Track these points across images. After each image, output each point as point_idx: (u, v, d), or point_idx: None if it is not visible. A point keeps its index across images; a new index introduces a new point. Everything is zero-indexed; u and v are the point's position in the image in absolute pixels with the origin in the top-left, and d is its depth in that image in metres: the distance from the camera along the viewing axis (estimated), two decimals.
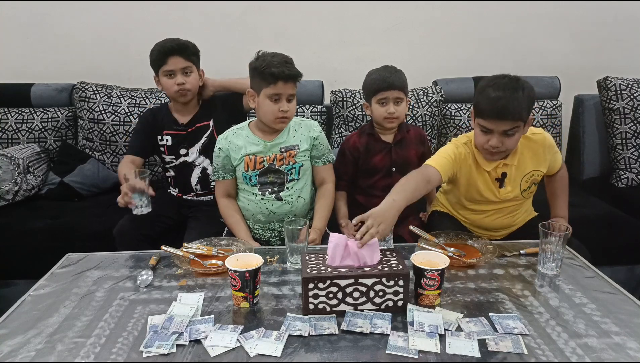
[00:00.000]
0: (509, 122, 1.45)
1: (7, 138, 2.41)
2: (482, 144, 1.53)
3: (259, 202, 1.71)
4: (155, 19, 2.63)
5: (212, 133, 1.96)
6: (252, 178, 1.70)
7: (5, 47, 2.68)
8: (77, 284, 1.30)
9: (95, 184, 2.36)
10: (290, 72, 1.60)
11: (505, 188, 1.60)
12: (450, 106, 2.55)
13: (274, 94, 1.60)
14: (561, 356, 0.99)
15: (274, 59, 1.60)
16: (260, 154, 1.69)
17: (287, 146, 1.69)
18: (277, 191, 1.71)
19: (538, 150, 1.61)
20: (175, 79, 1.88)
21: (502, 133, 1.47)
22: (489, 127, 1.48)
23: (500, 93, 1.44)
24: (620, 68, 2.62)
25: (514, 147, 1.54)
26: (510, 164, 1.58)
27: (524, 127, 1.50)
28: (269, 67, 1.58)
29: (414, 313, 1.12)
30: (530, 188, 1.64)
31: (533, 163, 1.61)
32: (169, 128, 1.96)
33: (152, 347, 1.01)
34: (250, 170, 1.70)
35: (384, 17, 2.72)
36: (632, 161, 2.44)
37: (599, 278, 1.31)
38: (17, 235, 1.98)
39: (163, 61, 1.87)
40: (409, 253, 1.29)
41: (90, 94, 2.42)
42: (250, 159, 1.69)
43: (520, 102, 1.44)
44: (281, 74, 1.57)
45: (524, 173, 1.60)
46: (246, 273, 1.14)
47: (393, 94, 1.72)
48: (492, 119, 1.46)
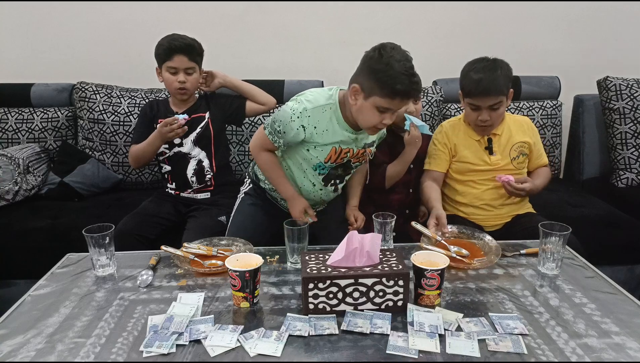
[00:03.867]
0: (492, 98, 1.69)
1: (7, 138, 2.41)
2: (474, 120, 1.77)
3: (317, 191, 1.67)
4: (155, 19, 2.63)
5: (207, 125, 1.99)
6: (325, 168, 1.61)
7: (5, 47, 2.68)
8: (77, 284, 1.30)
9: (95, 184, 2.35)
10: (415, 90, 1.41)
11: (496, 156, 1.80)
12: (450, 106, 2.55)
13: (387, 108, 1.42)
14: (561, 356, 0.99)
15: (405, 71, 1.38)
16: (347, 146, 1.57)
17: (369, 143, 1.63)
18: (337, 184, 1.69)
19: (523, 125, 1.86)
20: (177, 76, 1.92)
21: (488, 108, 1.71)
22: (477, 104, 1.72)
23: (481, 75, 1.68)
24: (620, 68, 2.62)
25: (499, 120, 1.78)
26: (496, 133, 1.80)
27: (506, 101, 1.74)
28: (397, 82, 1.37)
29: (414, 313, 1.12)
30: (519, 157, 1.82)
31: (519, 135, 1.82)
32: (163, 116, 1.98)
33: (152, 347, 1.01)
34: (331, 161, 1.58)
35: (384, 17, 2.72)
36: (632, 161, 2.44)
37: (599, 278, 1.31)
38: (17, 235, 1.98)
39: (169, 57, 1.90)
40: (409, 253, 1.29)
41: (90, 94, 2.42)
42: (336, 153, 1.56)
43: (500, 80, 1.68)
44: (406, 93, 1.39)
45: (512, 143, 1.81)
46: (246, 273, 1.14)
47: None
48: (478, 97, 1.70)
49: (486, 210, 1.81)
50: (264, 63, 2.69)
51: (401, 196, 1.83)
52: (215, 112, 2.03)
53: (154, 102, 2.10)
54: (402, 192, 1.83)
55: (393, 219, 1.45)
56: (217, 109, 2.04)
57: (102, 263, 1.34)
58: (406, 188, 1.83)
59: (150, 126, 2.00)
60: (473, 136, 1.82)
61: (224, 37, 2.66)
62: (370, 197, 1.86)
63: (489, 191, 1.81)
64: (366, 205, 1.86)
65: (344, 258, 1.16)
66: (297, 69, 2.65)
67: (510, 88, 1.74)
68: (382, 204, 1.61)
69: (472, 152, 1.81)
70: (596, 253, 1.63)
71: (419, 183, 1.86)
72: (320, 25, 2.71)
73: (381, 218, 1.45)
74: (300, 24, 2.70)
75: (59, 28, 2.66)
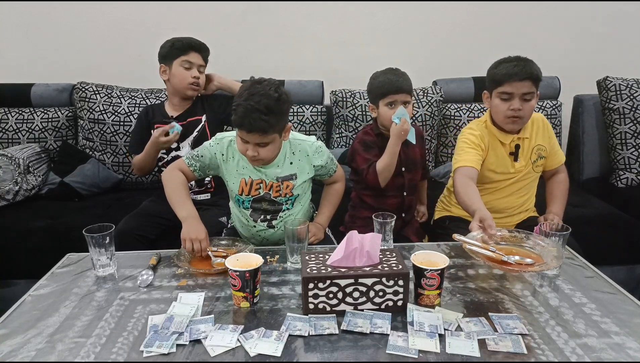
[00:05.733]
0: (527, 83, 1.62)
1: (7, 138, 2.42)
2: (504, 112, 1.67)
3: (251, 229, 1.63)
4: (155, 19, 2.63)
5: (204, 128, 2.00)
6: (245, 202, 1.59)
7: (5, 47, 2.68)
8: (77, 284, 1.30)
9: (95, 184, 2.36)
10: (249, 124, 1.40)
11: (520, 162, 1.74)
12: (450, 106, 2.55)
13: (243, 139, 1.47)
14: (561, 356, 0.99)
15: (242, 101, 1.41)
16: (258, 179, 1.56)
17: (285, 177, 1.56)
18: (270, 220, 1.61)
19: (539, 124, 1.78)
20: (191, 71, 1.97)
21: (521, 97, 1.63)
22: (510, 91, 1.63)
23: (515, 62, 1.64)
24: (620, 68, 2.62)
25: (529, 115, 1.69)
26: (523, 138, 1.73)
27: (535, 98, 1.66)
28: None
29: (414, 313, 1.12)
30: (537, 161, 1.77)
31: (538, 137, 1.77)
32: (159, 121, 2.00)
33: (152, 347, 1.01)
34: (245, 195, 1.58)
35: (384, 17, 2.72)
36: (631, 161, 2.44)
37: (598, 278, 1.31)
38: (17, 235, 1.98)
39: (185, 52, 1.96)
40: (409, 253, 1.29)
41: (91, 94, 2.42)
42: (247, 184, 1.56)
43: (535, 68, 1.64)
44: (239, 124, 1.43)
45: (532, 145, 1.76)
46: (246, 273, 1.14)
47: (401, 97, 1.72)
48: (513, 82, 1.63)
49: (496, 218, 1.68)
50: (264, 63, 2.69)
51: (396, 199, 1.82)
52: (211, 114, 2.02)
53: (149, 108, 2.10)
54: (396, 196, 1.81)
55: (393, 219, 1.45)
56: (214, 112, 2.03)
57: (103, 263, 1.34)
58: (400, 191, 1.81)
59: (147, 132, 2.00)
60: (501, 139, 1.73)
61: (224, 37, 2.66)
62: (364, 201, 1.85)
63: (505, 199, 1.77)
64: (361, 210, 1.86)
65: (344, 258, 1.16)
66: (297, 69, 2.65)
67: (538, 91, 1.68)
68: (377, 209, 1.58)
69: (497, 157, 1.74)
70: (596, 253, 1.63)
71: (412, 187, 1.84)
72: (320, 25, 2.71)
73: (381, 218, 1.45)
74: (300, 24, 2.70)
75: (59, 28, 2.66)
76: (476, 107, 2.53)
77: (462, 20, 2.75)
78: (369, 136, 1.81)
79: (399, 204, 1.82)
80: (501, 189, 1.77)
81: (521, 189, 1.79)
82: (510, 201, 1.78)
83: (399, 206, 1.82)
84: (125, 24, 2.65)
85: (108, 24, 2.66)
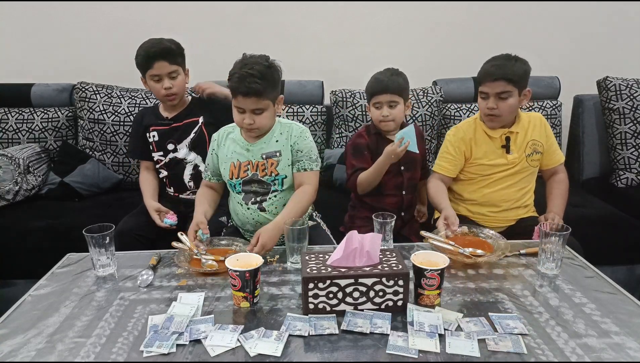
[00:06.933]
0: (501, 83, 1.67)
1: (7, 138, 2.42)
2: (483, 109, 1.75)
3: (245, 212, 1.65)
4: (155, 19, 2.63)
5: (201, 129, 1.97)
6: (237, 186, 1.64)
7: (5, 47, 2.68)
8: (77, 284, 1.30)
9: (95, 184, 2.36)
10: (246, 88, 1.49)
11: (513, 154, 1.78)
12: (450, 106, 2.55)
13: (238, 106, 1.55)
14: (561, 356, 0.99)
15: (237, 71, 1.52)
16: (245, 161, 1.60)
17: (269, 153, 1.59)
18: (260, 202, 1.63)
19: (536, 122, 1.82)
20: (162, 83, 1.88)
21: (496, 96, 1.69)
22: (485, 91, 1.71)
23: (495, 62, 1.70)
24: (620, 68, 2.63)
25: (508, 113, 1.73)
26: (514, 131, 1.77)
27: (519, 96, 1.70)
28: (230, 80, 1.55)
29: (414, 313, 1.12)
30: (532, 155, 1.79)
31: (534, 133, 1.80)
32: (154, 124, 1.98)
33: (152, 347, 1.01)
34: (235, 178, 1.63)
35: (384, 17, 2.72)
36: (631, 161, 2.44)
37: (598, 278, 1.31)
38: (17, 235, 1.98)
39: (149, 65, 1.85)
40: (409, 253, 1.29)
41: (91, 94, 2.42)
42: (235, 167, 1.62)
43: (512, 68, 1.67)
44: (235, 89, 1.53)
45: (527, 140, 1.79)
46: (246, 273, 1.14)
47: (386, 98, 1.72)
48: (487, 82, 1.70)
49: (493, 211, 1.81)
50: None
51: (396, 198, 1.82)
52: (208, 115, 1.99)
53: (144, 110, 2.08)
54: (395, 195, 1.82)
55: (393, 219, 1.45)
56: (211, 112, 2.01)
57: (103, 263, 1.34)
58: (399, 190, 1.81)
59: (143, 135, 1.99)
60: (490, 133, 1.78)
61: (224, 37, 2.66)
62: (363, 201, 1.85)
63: (501, 192, 1.80)
64: (360, 209, 1.86)
65: (344, 258, 1.16)
66: (297, 69, 2.64)
67: (528, 87, 1.72)
68: (377, 208, 1.58)
69: (488, 150, 1.79)
70: (596, 253, 1.63)
71: (412, 186, 1.85)
72: (320, 25, 2.71)
73: (381, 218, 1.45)
74: (300, 24, 2.70)
75: (59, 28, 2.66)
76: (476, 107, 2.53)
77: (462, 20, 2.75)
78: (362, 138, 1.82)
79: (398, 203, 1.82)
80: (496, 181, 1.80)
81: (517, 183, 1.80)
82: (507, 194, 1.80)
83: (398, 205, 1.82)
84: (125, 24, 2.65)
85: (108, 24, 2.66)
